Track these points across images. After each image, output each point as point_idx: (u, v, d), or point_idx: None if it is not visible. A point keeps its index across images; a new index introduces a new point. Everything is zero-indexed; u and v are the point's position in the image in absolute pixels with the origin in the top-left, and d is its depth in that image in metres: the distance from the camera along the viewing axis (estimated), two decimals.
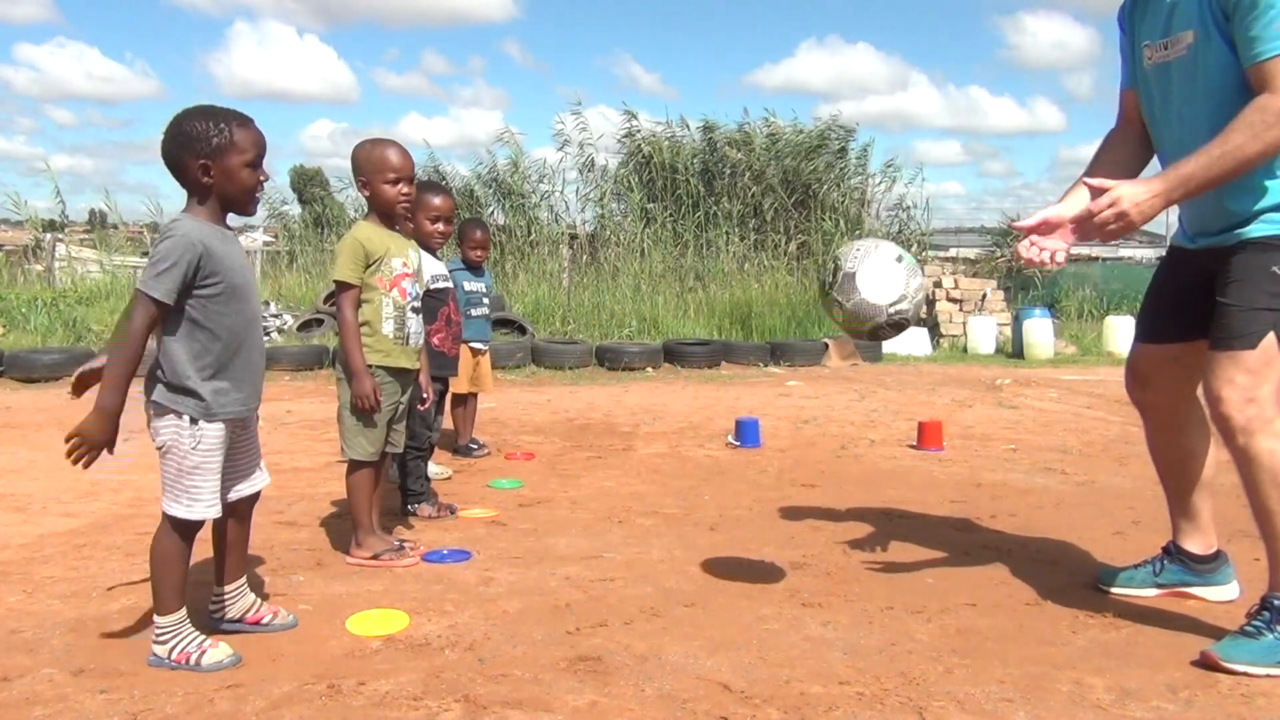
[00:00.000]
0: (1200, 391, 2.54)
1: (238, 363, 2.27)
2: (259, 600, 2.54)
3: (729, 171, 14.43)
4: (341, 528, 3.42)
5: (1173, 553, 2.82)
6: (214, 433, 2.25)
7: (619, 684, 2.19)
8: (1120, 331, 11.15)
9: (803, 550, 3.29)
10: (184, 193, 2.27)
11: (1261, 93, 2.24)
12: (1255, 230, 2.37)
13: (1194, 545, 2.79)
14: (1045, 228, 2.49)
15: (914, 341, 11.39)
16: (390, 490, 3.91)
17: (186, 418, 2.21)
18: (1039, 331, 11.03)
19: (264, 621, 2.49)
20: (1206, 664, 2.31)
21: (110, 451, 2.15)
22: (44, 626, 2.50)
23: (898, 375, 9.32)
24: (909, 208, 14.97)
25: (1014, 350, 11.29)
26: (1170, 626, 2.58)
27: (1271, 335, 2.32)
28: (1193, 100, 2.44)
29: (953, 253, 17.04)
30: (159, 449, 2.25)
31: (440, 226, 3.85)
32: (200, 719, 2.01)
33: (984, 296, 12.27)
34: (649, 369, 9.39)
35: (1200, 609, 2.72)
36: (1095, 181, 2.36)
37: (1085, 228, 2.40)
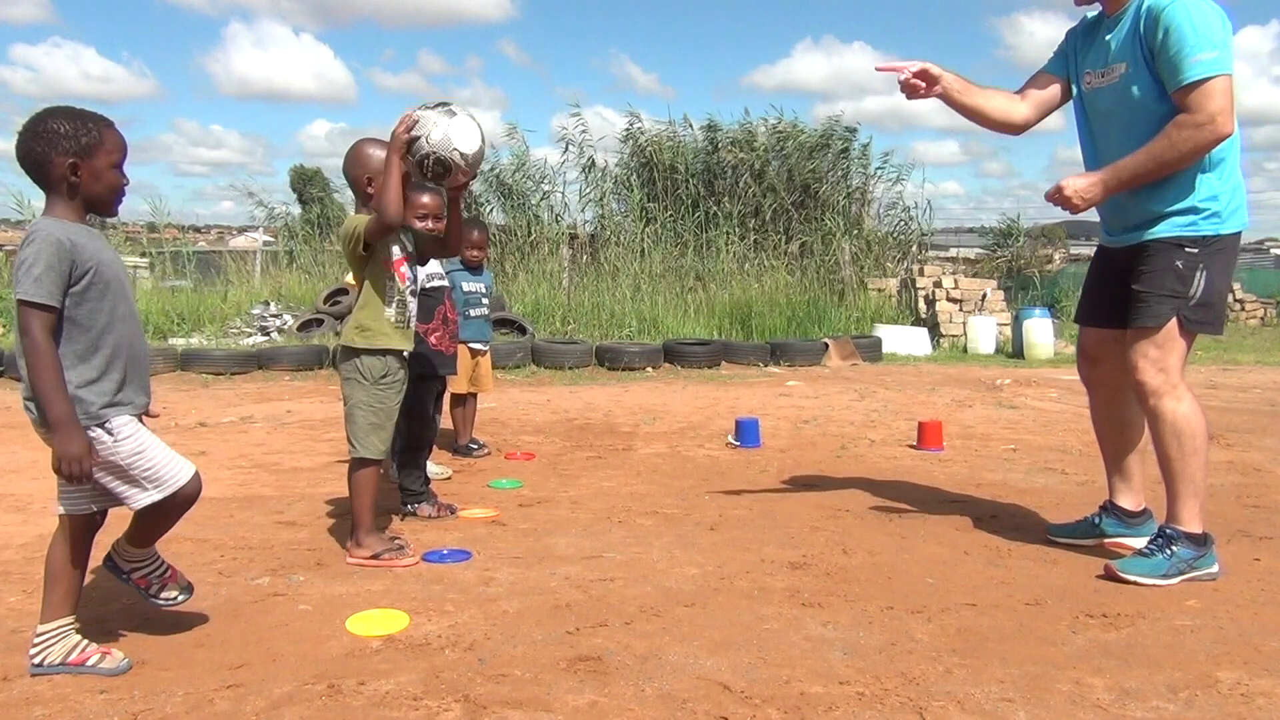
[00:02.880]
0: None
1: (123, 359, 2.19)
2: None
3: (730, 171, 14.43)
4: (341, 528, 3.42)
5: (1109, 509, 3.33)
6: (123, 419, 2.17)
7: (619, 684, 2.19)
8: None
9: (803, 550, 3.29)
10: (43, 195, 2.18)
11: (1181, 112, 2.78)
12: (1162, 231, 2.91)
13: (1126, 502, 3.31)
14: (924, 75, 3.13)
15: (914, 341, 11.40)
16: (390, 490, 3.92)
17: (94, 425, 2.13)
18: (1039, 331, 11.03)
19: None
20: (1108, 575, 2.93)
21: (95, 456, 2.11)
22: None
23: (898, 375, 9.32)
24: (909, 208, 14.99)
25: (1014, 350, 11.29)
26: (1170, 626, 2.59)
27: (1175, 320, 2.88)
28: (1116, 121, 3.00)
29: (953, 253, 17.06)
30: None
31: (429, 224, 3.86)
32: (200, 719, 2.01)
33: (984, 296, 12.27)
34: (649, 369, 9.39)
35: (1199, 610, 2.72)
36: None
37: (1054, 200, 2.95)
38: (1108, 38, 3.02)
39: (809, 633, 2.52)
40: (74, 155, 2.12)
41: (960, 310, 12.20)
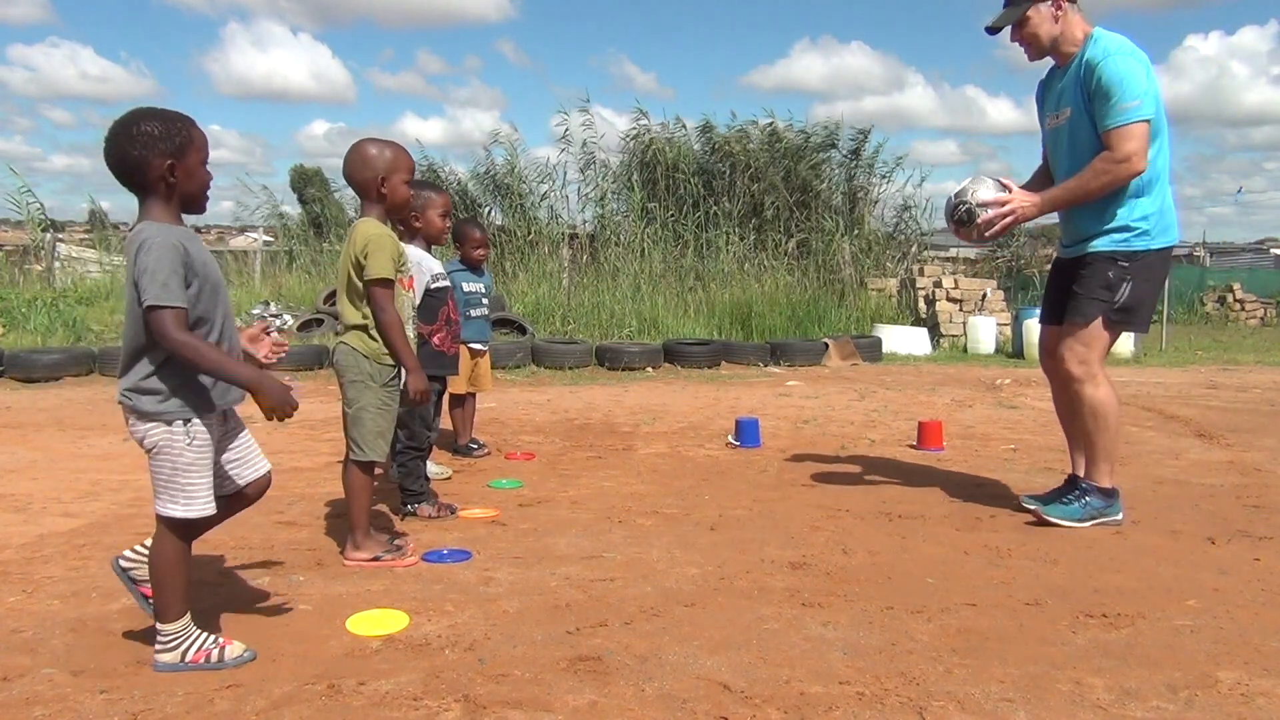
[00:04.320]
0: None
1: (225, 350, 2.27)
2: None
3: (729, 171, 14.43)
4: (341, 527, 3.41)
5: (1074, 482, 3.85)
6: (204, 430, 2.23)
7: (619, 684, 2.19)
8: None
9: (803, 550, 3.29)
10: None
11: (1106, 151, 3.37)
12: (1099, 245, 3.51)
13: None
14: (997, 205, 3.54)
15: (914, 341, 11.40)
16: (390, 490, 3.92)
17: (179, 420, 2.19)
18: (1039, 331, 11.03)
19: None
20: (1037, 520, 3.59)
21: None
22: (44, 626, 2.50)
23: (898, 375, 9.32)
24: (910, 207, 14.99)
25: (1014, 350, 11.29)
26: (1170, 626, 2.59)
27: (1100, 319, 3.49)
28: (1067, 154, 3.58)
29: (953, 253, 17.06)
30: (149, 450, 2.22)
31: (448, 222, 3.90)
32: (200, 719, 2.01)
33: (984, 296, 12.28)
34: (649, 369, 9.39)
35: (1199, 610, 2.72)
36: (999, 195, 3.54)
37: (988, 221, 3.51)
38: (1059, 85, 3.62)
39: (809, 633, 2.52)
40: (170, 156, 2.17)
41: (960, 310, 12.20)
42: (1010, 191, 3.53)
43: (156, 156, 2.16)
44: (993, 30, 3.67)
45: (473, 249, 4.92)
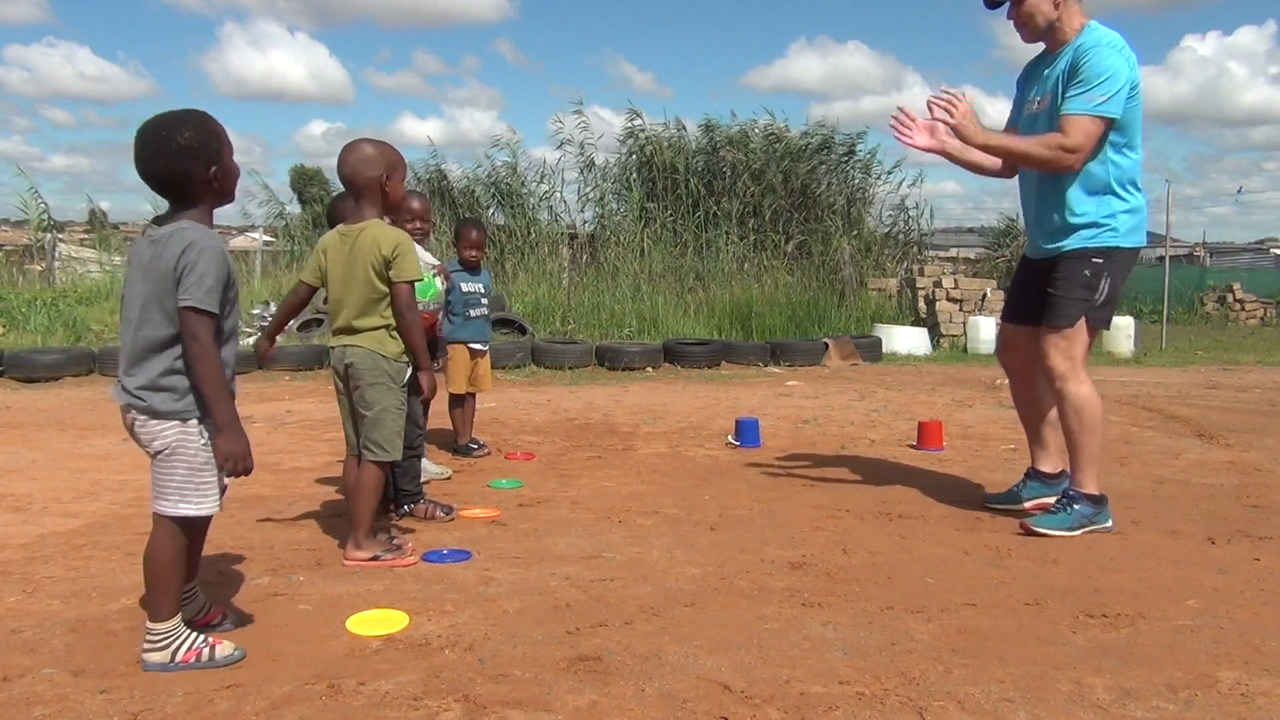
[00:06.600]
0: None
1: (231, 362, 2.30)
2: (208, 602, 2.50)
3: (729, 172, 14.44)
4: (341, 527, 3.41)
5: (1032, 475, 3.90)
6: (210, 428, 2.24)
7: (619, 684, 2.19)
8: (1121, 331, 11.14)
9: (803, 550, 3.29)
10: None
11: (1060, 134, 3.36)
12: (1071, 244, 3.49)
13: (1046, 467, 3.88)
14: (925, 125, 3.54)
15: (914, 341, 11.40)
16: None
17: (194, 419, 2.21)
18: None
19: (215, 623, 2.46)
20: (1024, 531, 3.50)
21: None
22: (44, 626, 2.50)
23: (898, 375, 9.32)
24: (909, 209, 14.99)
25: None
26: (1170, 626, 2.59)
27: (1082, 319, 3.45)
28: None
29: (953, 253, 17.06)
30: (159, 452, 2.21)
31: (418, 224, 3.89)
32: (200, 719, 2.01)
33: (984, 296, 12.27)
34: (649, 369, 9.39)
35: (1199, 610, 2.72)
36: (950, 97, 3.47)
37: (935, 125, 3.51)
38: (1045, 72, 3.58)
39: (809, 633, 2.52)
40: (212, 162, 2.20)
41: (960, 310, 12.19)
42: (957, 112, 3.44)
43: (200, 166, 2.18)
44: (991, 4, 3.62)
45: (466, 249, 4.92)
